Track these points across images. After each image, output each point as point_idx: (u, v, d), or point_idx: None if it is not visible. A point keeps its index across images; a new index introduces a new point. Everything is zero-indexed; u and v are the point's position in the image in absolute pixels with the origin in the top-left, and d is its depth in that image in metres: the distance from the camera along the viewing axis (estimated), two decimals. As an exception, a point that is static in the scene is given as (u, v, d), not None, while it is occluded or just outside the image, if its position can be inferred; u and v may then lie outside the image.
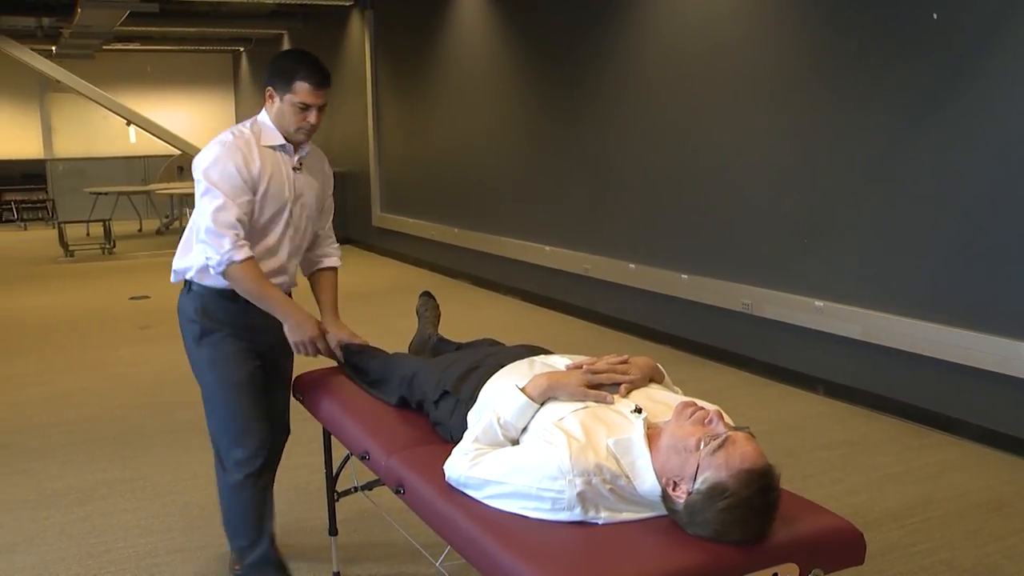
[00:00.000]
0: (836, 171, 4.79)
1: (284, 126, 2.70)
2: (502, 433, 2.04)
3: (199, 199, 2.63)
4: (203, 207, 2.60)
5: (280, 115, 2.70)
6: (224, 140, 2.66)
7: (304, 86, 2.65)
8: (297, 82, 2.64)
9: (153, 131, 10.94)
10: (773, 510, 1.77)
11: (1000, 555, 3.16)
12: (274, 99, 2.69)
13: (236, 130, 2.71)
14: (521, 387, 2.09)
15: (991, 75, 4.01)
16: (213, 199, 2.57)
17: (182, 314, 2.81)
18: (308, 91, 2.65)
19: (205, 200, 2.59)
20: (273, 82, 2.69)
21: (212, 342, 2.75)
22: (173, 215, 13.51)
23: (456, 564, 2.67)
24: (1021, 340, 3.96)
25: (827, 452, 4.16)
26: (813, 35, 4.88)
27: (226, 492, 2.82)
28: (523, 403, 2.06)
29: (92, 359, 6.15)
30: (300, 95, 2.65)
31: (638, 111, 6.21)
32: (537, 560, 1.72)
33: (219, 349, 2.75)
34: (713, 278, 5.65)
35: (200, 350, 2.77)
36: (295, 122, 2.69)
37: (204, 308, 2.74)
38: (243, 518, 2.79)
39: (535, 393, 2.07)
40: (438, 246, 9.31)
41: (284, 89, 2.66)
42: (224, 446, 2.78)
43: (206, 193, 2.59)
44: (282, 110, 2.68)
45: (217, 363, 2.75)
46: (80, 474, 4.05)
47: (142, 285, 8.94)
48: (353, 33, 10.88)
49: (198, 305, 2.75)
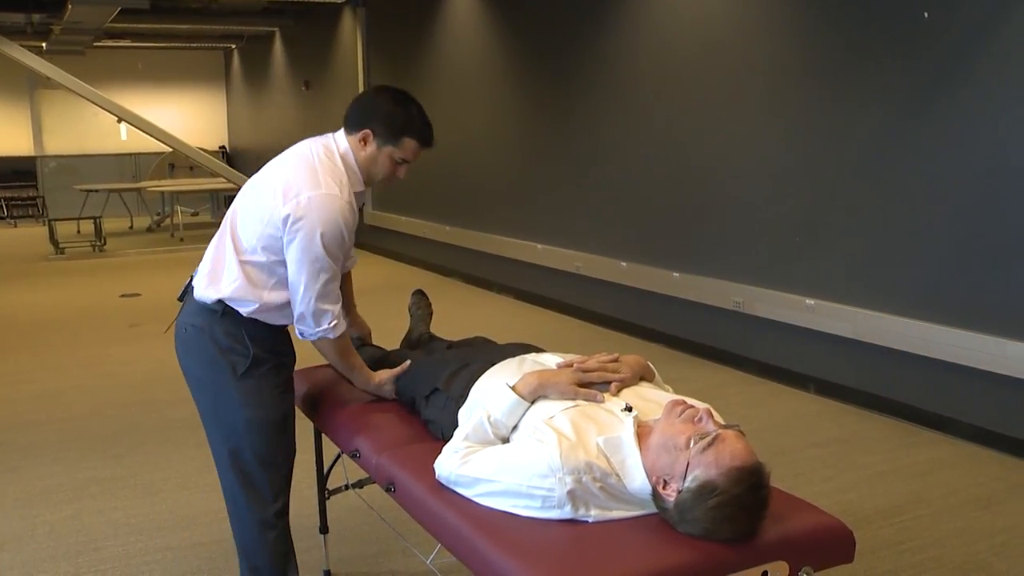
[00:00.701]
0: (828, 170, 4.80)
1: (372, 174, 2.46)
2: (492, 431, 2.04)
3: (303, 262, 2.32)
4: (309, 274, 2.32)
5: (372, 162, 2.44)
6: (336, 197, 2.32)
7: (413, 144, 2.44)
8: (407, 138, 2.42)
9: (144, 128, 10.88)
10: (763, 508, 1.77)
11: (989, 552, 3.17)
12: (369, 144, 2.42)
13: (336, 175, 2.37)
14: (511, 385, 2.09)
15: (982, 74, 4.03)
16: (322, 272, 2.32)
17: (207, 339, 2.42)
18: (415, 149, 2.45)
19: (312, 269, 2.32)
20: (376, 128, 2.41)
21: (257, 376, 2.44)
22: (164, 212, 13.47)
23: (447, 562, 2.67)
24: (1011, 339, 3.98)
25: (818, 450, 4.17)
26: (806, 34, 4.88)
27: (250, 535, 2.54)
28: (513, 401, 2.05)
29: (82, 357, 6.13)
30: (405, 151, 2.44)
31: (630, 109, 6.21)
32: (527, 558, 1.71)
33: (262, 383, 2.45)
34: (705, 276, 5.66)
35: (238, 384, 2.42)
36: (386, 174, 2.47)
37: (251, 335, 2.42)
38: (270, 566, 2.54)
39: (525, 391, 2.07)
40: (430, 244, 9.30)
41: (389, 140, 2.41)
42: (255, 483, 2.48)
43: (316, 262, 2.31)
44: (376, 158, 2.43)
45: (258, 399, 2.44)
46: (70, 472, 4.03)
47: (133, 283, 8.91)
48: (345, 30, 10.86)
49: (239, 330, 2.42)
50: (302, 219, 2.29)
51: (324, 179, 2.33)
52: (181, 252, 11.13)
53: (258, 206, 2.39)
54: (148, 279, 9.22)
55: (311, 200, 2.29)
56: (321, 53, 11.66)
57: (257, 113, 15.38)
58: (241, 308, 2.40)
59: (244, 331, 2.41)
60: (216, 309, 2.40)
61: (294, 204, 2.29)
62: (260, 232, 2.36)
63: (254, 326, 2.42)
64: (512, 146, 7.76)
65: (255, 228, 2.38)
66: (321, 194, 2.30)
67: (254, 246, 2.37)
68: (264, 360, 2.45)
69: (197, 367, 2.49)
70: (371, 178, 2.48)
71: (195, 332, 2.45)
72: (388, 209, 10.27)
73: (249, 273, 2.38)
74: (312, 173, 2.35)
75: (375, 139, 2.41)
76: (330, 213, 2.30)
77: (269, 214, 2.34)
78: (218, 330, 2.41)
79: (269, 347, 2.47)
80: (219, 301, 2.40)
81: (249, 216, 2.41)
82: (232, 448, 2.46)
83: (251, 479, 2.47)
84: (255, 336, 2.43)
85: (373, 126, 2.40)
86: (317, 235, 2.29)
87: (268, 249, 2.36)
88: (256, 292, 2.39)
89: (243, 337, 2.41)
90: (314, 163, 2.38)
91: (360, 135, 2.42)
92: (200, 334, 2.43)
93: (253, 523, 2.50)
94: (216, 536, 3.34)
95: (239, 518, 2.53)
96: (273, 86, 14.17)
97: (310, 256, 2.31)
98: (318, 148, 2.43)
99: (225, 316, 2.40)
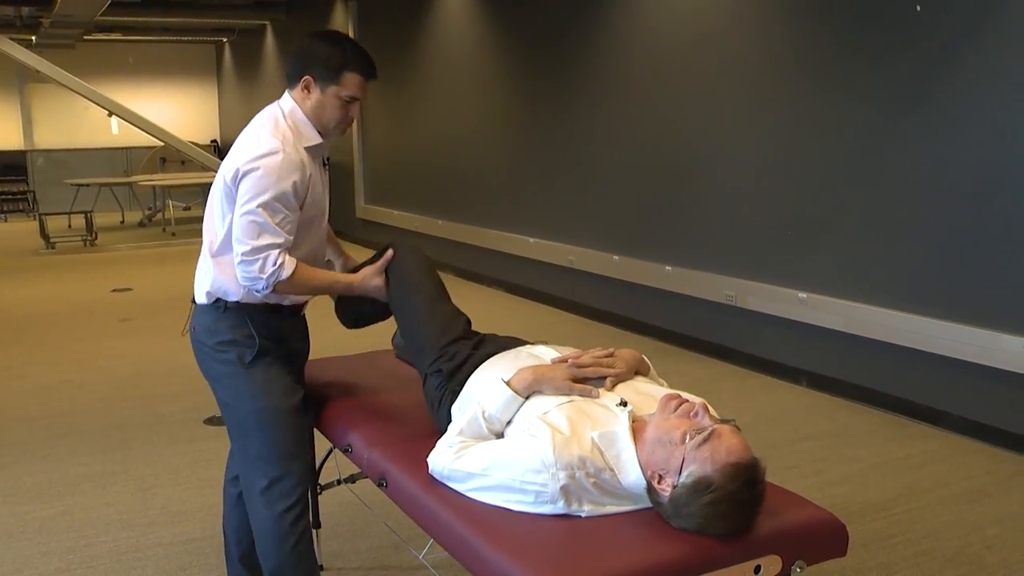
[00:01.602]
0: (820, 163, 4.80)
1: (322, 121, 2.41)
2: (487, 426, 2.04)
3: (241, 220, 2.29)
4: (245, 231, 2.29)
5: (319, 108, 2.39)
6: (274, 152, 2.29)
7: (355, 78, 2.37)
8: (347, 73, 2.36)
9: (135, 122, 10.85)
10: (758, 504, 1.77)
11: (980, 545, 3.18)
12: (312, 90, 2.38)
13: (279, 132, 2.34)
14: (506, 380, 2.08)
15: (974, 67, 4.03)
16: (265, 211, 2.28)
17: (215, 335, 2.45)
18: (359, 83, 2.39)
19: (251, 226, 2.28)
20: (312, 71, 2.37)
21: (264, 365, 2.45)
22: (155, 207, 13.43)
23: (439, 557, 2.67)
24: (1003, 332, 3.99)
25: (810, 443, 4.17)
26: (797, 27, 4.88)
27: (271, 534, 2.46)
28: (508, 397, 2.05)
29: (74, 352, 6.11)
30: (349, 88, 2.37)
31: (623, 103, 6.20)
32: (520, 553, 1.71)
33: (271, 372, 2.45)
34: (697, 270, 5.66)
35: (248, 373, 2.43)
36: (336, 117, 2.41)
37: (252, 326, 2.43)
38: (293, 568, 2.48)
39: (520, 387, 2.06)
40: (422, 238, 9.27)
41: (329, 80, 2.36)
42: (266, 475, 2.45)
43: (250, 215, 2.28)
44: (323, 103, 2.38)
45: (269, 388, 2.44)
46: (61, 468, 4.02)
47: (124, 277, 8.88)
48: (336, 24, 10.81)
49: (244, 323, 2.43)
50: (245, 175, 2.29)
51: (263, 140, 2.33)
52: (173, 246, 11.10)
53: (214, 192, 2.41)
54: (140, 274, 9.19)
55: (250, 160, 2.29)
56: (312, 47, 11.61)
57: (249, 107, 15.32)
58: (231, 297, 2.42)
59: (248, 320, 2.43)
60: (218, 306, 2.44)
61: (235, 171, 2.31)
62: (222, 214, 2.37)
63: (256, 312, 2.44)
64: (504, 140, 7.74)
65: (219, 213, 2.39)
66: (259, 153, 2.29)
67: (223, 233, 2.38)
68: (271, 349, 2.46)
69: (211, 365, 2.50)
70: (325, 126, 2.43)
71: (203, 331, 2.48)
72: (380, 203, 10.25)
73: (221, 262, 2.40)
74: (252, 139, 2.35)
75: (316, 84, 2.38)
76: (270, 167, 2.28)
77: (221, 192, 2.36)
78: (223, 325, 2.44)
79: (275, 334, 2.48)
80: (214, 299, 2.44)
81: (211, 206, 2.44)
82: (251, 437, 2.46)
83: (268, 473, 2.44)
84: (259, 323, 2.44)
85: (311, 71, 2.38)
86: (253, 189, 2.28)
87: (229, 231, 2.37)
88: (235, 280, 2.38)
89: (248, 327, 2.43)
90: (254, 130, 2.38)
91: (301, 84, 2.39)
92: (208, 332, 2.47)
93: (272, 519, 2.45)
94: (208, 532, 3.33)
95: (259, 516, 2.48)
96: (265, 79, 14.13)
97: (253, 204, 2.27)
98: (261, 117, 2.43)
99: (228, 310, 2.43)
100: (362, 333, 3.00)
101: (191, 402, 4.75)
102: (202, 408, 4.63)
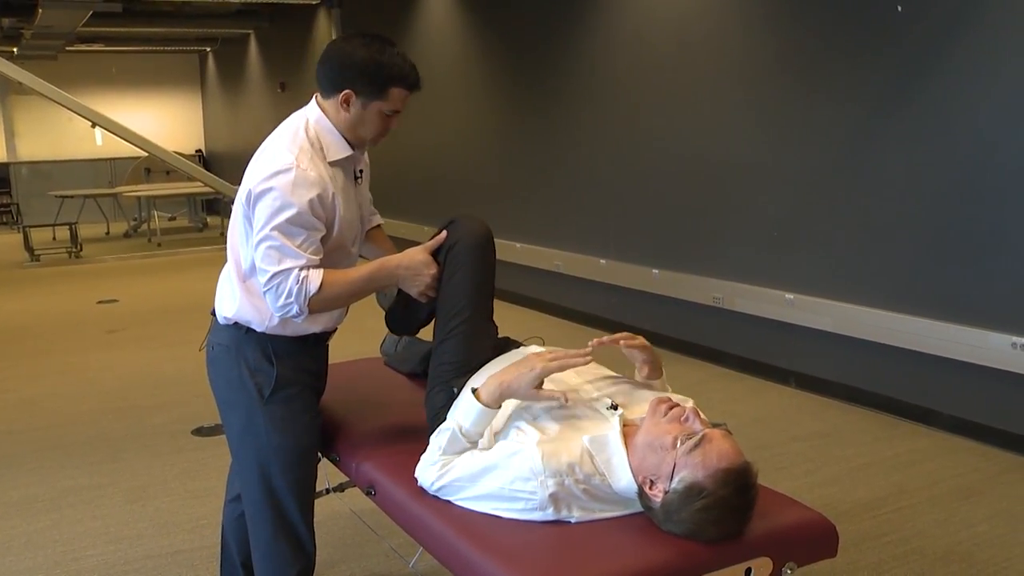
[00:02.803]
0: (805, 164, 4.82)
1: (358, 133, 2.23)
2: (467, 441, 1.99)
3: (260, 248, 2.12)
4: (265, 258, 2.12)
5: (358, 122, 2.21)
6: (287, 169, 2.11)
7: (401, 92, 2.20)
8: (393, 88, 2.18)
9: (119, 133, 10.78)
10: (750, 509, 1.77)
11: (970, 542, 3.19)
12: (352, 105, 2.18)
13: (295, 146, 2.16)
14: (476, 388, 2.01)
15: (957, 67, 4.05)
16: (280, 252, 2.10)
17: (234, 359, 2.28)
18: (404, 97, 2.21)
19: (270, 252, 2.11)
20: (354, 85, 2.16)
21: (286, 397, 2.29)
22: (141, 218, 13.37)
23: (429, 565, 2.66)
24: (990, 330, 4.00)
25: (799, 444, 4.18)
26: (781, 29, 4.90)
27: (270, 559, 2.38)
28: (478, 411, 1.98)
29: (60, 364, 6.07)
30: (395, 103, 2.20)
31: (608, 107, 6.21)
32: (510, 561, 1.71)
33: (290, 407, 2.30)
34: (684, 273, 5.67)
35: (265, 408, 2.28)
36: (376, 130, 2.24)
37: (276, 353, 2.28)
38: None
39: (490, 398, 1.98)
40: (408, 244, 9.24)
41: (372, 96, 2.17)
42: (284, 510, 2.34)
43: (267, 240, 2.11)
44: (363, 117, 2.20)
45: (284, 426, 2.29)
46: (48, 481, 3.99)
47: (110, 289, 8.84)
48: (320, 32, 10.81)
49: (267, 348, 2.27)
50: (259, 197, 2.12)
51: (277, 156, 2.15)
52: (159, 257, 11.05)
53: (236, 212, 2.25)
54: (126, 285, 9.14)
55: (262, 181, 2.12)
56: (297, 54, 11.60)
57: (233, 116, 15.29)
58: (255, 327, 2.27)
59: (271, 348, 2.28)
60: (239, 328, 2.28)
61: (247, 192, 2.16)
62: (245, 236, 2.22)
63: (279, 342, 2.28)
64: (490, 145, 7.74)
65: (241, 233, 2.24)
66: (272, 171, 2.12)
67: (249, 256, 2.21)
68: (292, 381, 2.30)
69: (225, 388, 2.35)
70: (360, 139, 2.26)
71: (222, 351, 2.32)
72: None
73: (251, 288, 2.23)
74: (267, 155, 2.18)
75: (358, 98, 2.18)
76: (282, 186, 2.10)
77: (242, 215, 2.21)
78: (246, 348, 2.28)
79: (297, 365, 2.32)
80: (234, 323, 2.29)
81: (234, 225, 2.27)
82: (262, 473, 2.31)
83: (280, 506, 2.33)
84: (282, 354, 2.28)
85: (353, 85, 2.17)
86: (274, 207, 2.10)
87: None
88: (259, 312, 2.24)
89: (269, 355, 2.27)
90: (271, 144, 2.22)
91: (341, 98, 2.18)
92: (227, 353, 2.31)
93: (281, 554, 2.35)
94: (197, 543, 3.31)
95: (260, 538, 2.37)
96: (249, 88, 14.10)
97: (268, 228, 2.10)
98: (280, 129, 2.26)
99: (250, 333, 2.27)
100: (350, 340, 2.99)
101: (179, 413, 4.73)
102: (190, 419, 4.61)
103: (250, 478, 2.34)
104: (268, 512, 2.33)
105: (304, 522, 2.37)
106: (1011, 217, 3.91)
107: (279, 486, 2.31)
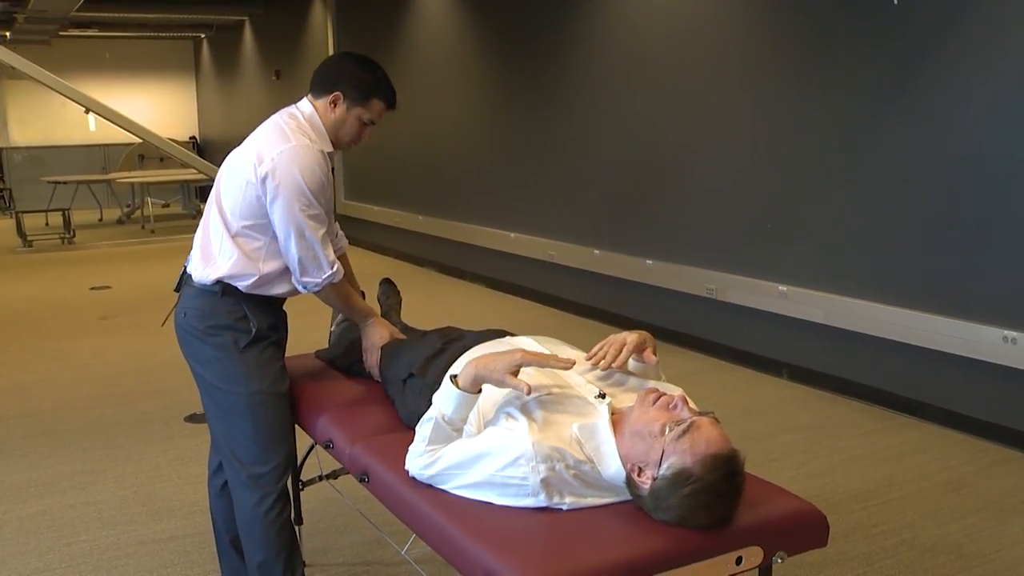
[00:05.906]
0: (799, 156, 4.82)
1: (339, 135, 2.53)
2: (451, 429, 1.99)
3: (290, 211, 2.39)
4: (298, 223, 2.40)
5: (340, 124, 2.51)
6: (306, 146, 2.42)
7: (381, 106, 2.53)
8: (375, 100, 2.51)
9: (113, 119, 10.74)
10: (738, 495, 1.77)
11: (960, 534, 3.21)
12: (338, 107, 2.50)
13: (302, 131, 2.46)
14: (454, 374, 2.01)
15: (952, 60, 4.05)
16: (311, 218, 2.41)
17: (209, 319, 2.49)
18: (382, 111, 2.54)
19: (300, 217, 2.39)
20: (345, 90, 2.48)
21: (258, 350, 2.51)
22: (134, 204, 13.33)
23: (422, 552, 2.67)
24: (981, 323, 4.02)
25: (791, 436, 4.19)
26: (776, 21, 4.90)
27: (256, 520, 2.52)
28: (457, 396, 1.98)
29: (52, 350, 6.06)
30: (373, 112, 2.52)
31: (602, 98, 6.20)
32: (502, 547, 1.71)
33: (263, 357, 2.52)
34: (678, 264, 5.67)
35: (241, 356, 2.48)
36: (353, 135, 2.54)
37: (249, 312, 2.50)
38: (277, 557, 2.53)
39: (467, 383, 1.98)
40: (403, 233, 9.27)
41: (357, 102, 2.49)
42: (252, 459, 2.50)
43: (304, 209, 2.39)
44: (344, 120, 2.51)
45: (263, 372, 2.50)
46: (40, 467, 3.99)
47: (103, 275, 8.82)
48: (315, 19, 10.77)
49: (240, 308, 2.49)
50: (279, 171, 2.38)
51: (293, 135, 2.43)
52: (152, 244, 11.03)
53: (237, 177, 2.45)
54: (118, 271, 9.12)
55: (283, 153, 2.38)
56: (291, 42, 11.57)
57: (228, 103, 15.24)
58: (240, 283, 2.47)
59: (245, 308, 2.49)
60: (216, 290, 2.47)
61: (269, 163, 2.38)
62: (243, 201, 2.43)
63: (254, 302, 2.50)
64: (484, 135, 7.74)
65: (238, 199, 2.44)
66: (292, 146, 2.40)
67: (241, 217, 2.45)
68: (264, 336, 2.53)
69: (200, 347, 2.52)
70: (339, 140, 2.55)
71: (196, 314, 2.50)
72: (360, 199, 10.22)
73: (242, 245, 2.46)
74: (281, 133, 2.44)
75: (345, 101, 2.49)
76: (305, 160, 2.39)
77: (247, 181, 2.42)
78: (220, 309, 2.48)
79: (269, 324, 2.55)
80: (218, 281, 2.47)
81: (230, 190, 2.47)
82: (237, 422, 2.50)
83: (254, 457, 2.50)
84: (256, 312, 2.51)
85: (343, 88, 2.49)
86: (297, 183, 2.38)
87: (255, 216, 2.44)
88: (253, 264, 2.46)
89: (245, 314, 2.49)
90: (281, 126, 2.47)
91: (330, 98, 2.49)
92: (201, 315, 2.49)
93: (256, 503, 2.50)
94: (190, 529, 3.32)
95: (243, 501, 2.53)
96: (243, 76, 14.05)
97: (298, 205, 2.39)
98: (283, 116, 2.52)
99: (225, 295, 2.48)
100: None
101: (171, 399, 4.73)
102: (182, 405, 4.61)
103: (229, 427, 2.52)
104: (245, 457, 2.52)
105: (280, 464, 2.54)
106: (1003, 210, 3.93)
107: (255, 431, 2.50)
